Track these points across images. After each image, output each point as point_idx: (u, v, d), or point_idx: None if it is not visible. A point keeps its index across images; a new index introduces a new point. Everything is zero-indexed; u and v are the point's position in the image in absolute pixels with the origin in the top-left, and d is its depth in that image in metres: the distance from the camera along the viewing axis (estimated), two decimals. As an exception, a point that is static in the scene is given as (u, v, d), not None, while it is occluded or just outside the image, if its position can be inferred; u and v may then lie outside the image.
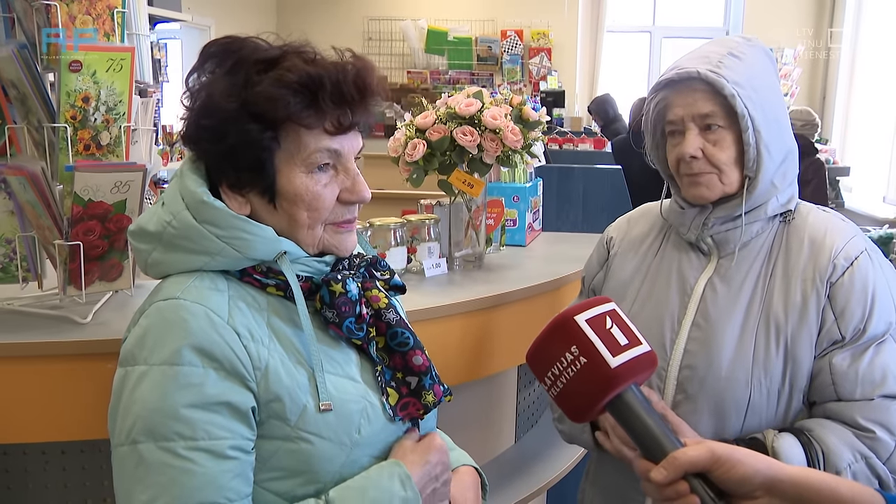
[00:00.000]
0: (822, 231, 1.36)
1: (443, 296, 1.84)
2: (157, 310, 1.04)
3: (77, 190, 1.41)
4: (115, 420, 1.03)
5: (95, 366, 1.33)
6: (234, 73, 1.08)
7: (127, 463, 0.99)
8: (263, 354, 1.05)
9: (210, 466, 0.99)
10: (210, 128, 1.07)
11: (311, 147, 1.08)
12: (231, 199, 1.10)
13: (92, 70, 1.46)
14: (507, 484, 2.09)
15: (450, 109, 1.98)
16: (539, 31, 8.45)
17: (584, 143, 6.76)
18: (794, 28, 8.19)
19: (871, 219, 6.17)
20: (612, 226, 1.62)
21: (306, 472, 1.06)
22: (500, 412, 2.28)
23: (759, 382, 1.30)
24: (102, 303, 1.59)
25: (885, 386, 1.26)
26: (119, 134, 1.55)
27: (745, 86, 1.31)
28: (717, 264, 1.39)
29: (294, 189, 1.08)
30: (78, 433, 1.41)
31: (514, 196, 2.50)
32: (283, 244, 1.09)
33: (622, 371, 0.96)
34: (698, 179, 1.36)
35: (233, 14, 7.73)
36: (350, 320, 1.12)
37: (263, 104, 1.05)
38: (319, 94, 1.06)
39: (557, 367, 0.98)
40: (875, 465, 1.25)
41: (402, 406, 1.15)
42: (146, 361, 1.01)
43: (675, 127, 1.37)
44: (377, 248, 1.96)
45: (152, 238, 1.09)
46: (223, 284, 1.08)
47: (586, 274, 1.63)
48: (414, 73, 8.66)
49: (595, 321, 0.98)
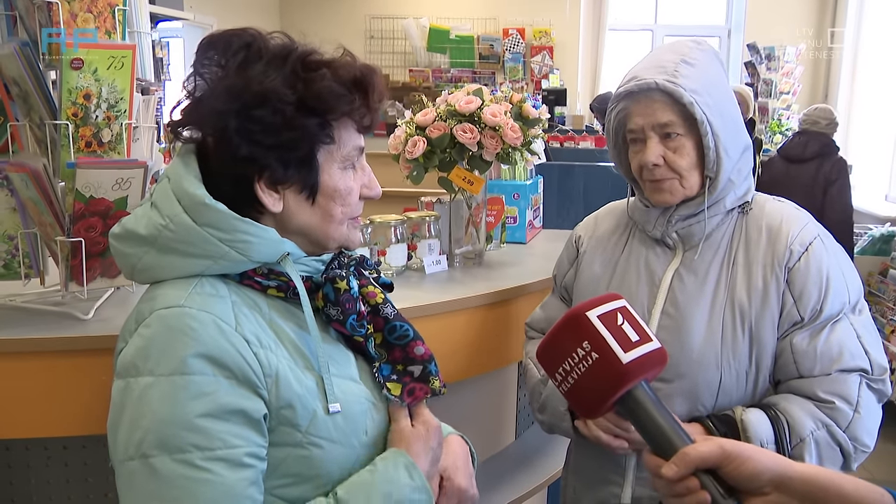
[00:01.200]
0: (778, 219, 1.44)
1: (443, 292, 1.85)
2: (159, 318, 1.01)
3: (79, 187, 1.42)
4: (118, 434, 0.99)
5: (97, 362, 1.34)
6: (276, 67, 1.06)
7: (138, 478, 0.96)
8: (273, 361, 1.03)
9: (227, 476, 0.97)
10: (264, 120, 1.04)
11: (350, 144, 1.11)
12: (267, 195, 1.07)
13: (93, 67, 1.47)
14: (509, 479, 2.11)
15: (450, 107, 1.99)
16: (541, 30, 8.45)
17: (586, 141, 6.74)
18: (795, 26, 8.17)
19: (873, 217, 6.15)
20: (580, 225, 1.68)
21: (317, 476, 1.05)
22: (501, 408, 2.29)
23: (728, 364, 1.38)
24: (104, 299, 1.59)
25: (841, 361, 1.35)
26: (120, 131, 1.56)
27: (702, 92, 1.36)
28: (683, 256, 1.46)
29: (334, 184, 1.10)
30: (79, 428, 1.41)
31: (515, 193, 2.50)
32: (286, 245, 1.09)
33: (633, 367, 0.96)
34: (661, 186, 1.42)
35: (235, 12, 7.74)
36: (353, 317, 1.12)
37: (328, 98, 1.06)
38: (370, 92, 1.10)
39: (569, 363, 0.99)
40: (835, 432, 1.33)
41: (408, 392, 1.16)
42: (152, 372, 0.98)
43: (636, 135, 1.43)
44: (377, 244, 1.97)
45: (143, 241, 1.05)
46: (224, 290, 1.05)
47: (557, 272, 1.69)
48: (416, 72, 8.66)
49: (607, 317, 0.99)
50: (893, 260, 4.89)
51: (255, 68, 1.06)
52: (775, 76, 7.81)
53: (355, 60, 1.12)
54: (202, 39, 1.09)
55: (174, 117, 1.11)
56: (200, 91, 1.08)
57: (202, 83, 1.07)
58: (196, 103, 1.08)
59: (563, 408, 1.50)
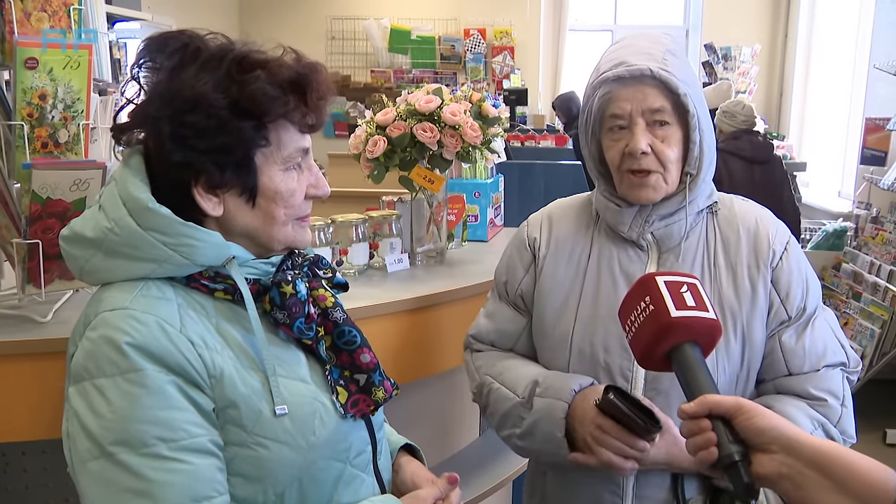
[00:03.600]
0: (754, 220, 1.42)
1: (405, 291, 1.85)
2: (103, 321, 1.02)
3: (35, 188, 1.41)
4: (76, 438, 0.99)
5: (58, 365, 1.30)
6: (209, 70, 1.06)
7: (107, 475, 0.97)
8: (218, 362, 1.04)
9: (197, 462, 0.99)
10: (197, 125, 1.04)
11: (291, 146, 1.10)
12: (205, 199, 1.07)
13: (49, 67, 1.45)
14: (474, 476, 2.11)
15: (410, 106, 2.00)
16: (502, 30, 8.49)
17: (546, 140, 6.80)
18: (751, 27, 8.33)
19: (826, 213, 6.31)
20: (530, 226, 1.55)
21: (265, 477, 1.06)
22: (465, 405, 2.30)
23: (723, 369, 1.34)
24: (63, 301, 1.58)
25: (826, 357, 1.36)
26: (78, 132, 1.55)
27: (690, 84, 1.34)
28: (660, 259, 1.40)
29: (275, 187, 1.10)
30: (40, 433, 1.39)
31: (476, 192, 2.52)
32: (231, 249, 1.08)
33: (680, 322, 1.09)
34: (646, 181, 1.34)
35: (194, 13, 7.65)
36: (300, 321, 1.12)
37: (261, 101, 1.05)
38: (308, 92, 1.08)
39: (634, 314, 1.14)
40: (830, 430, 1.33)
41: (352, 403, 1.15)
42: (104, 374, 0.99)
43: (621, 122, 1.35)
44: (339, 244, 1.97)
45: (90, 244, 1.06)
46: (170, 292, 1.06)
47: (508, 279, 1.54)
48: (378, 73, 8.64)
49: (672, 284, 1.13)
50: (846, 254, 5.02)
51: (188, 72, 1.06)
52: (732, 76, 7.96)
53: (299, 60, 1.11)
54: (140, 42, 1.09)
55: (118, 121, 1.11)
56: (137, 96, 1.08)
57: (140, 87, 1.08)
58: (134, 108, 1.09)
59: (561, 433, 1.32)
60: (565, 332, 1.42)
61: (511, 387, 1.43)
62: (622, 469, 1.26)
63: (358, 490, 1.15)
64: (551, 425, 1.33)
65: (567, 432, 1.32)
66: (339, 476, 1.13)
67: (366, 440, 1.19)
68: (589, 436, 1.28)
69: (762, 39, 8.29)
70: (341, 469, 1.13)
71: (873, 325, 4.30)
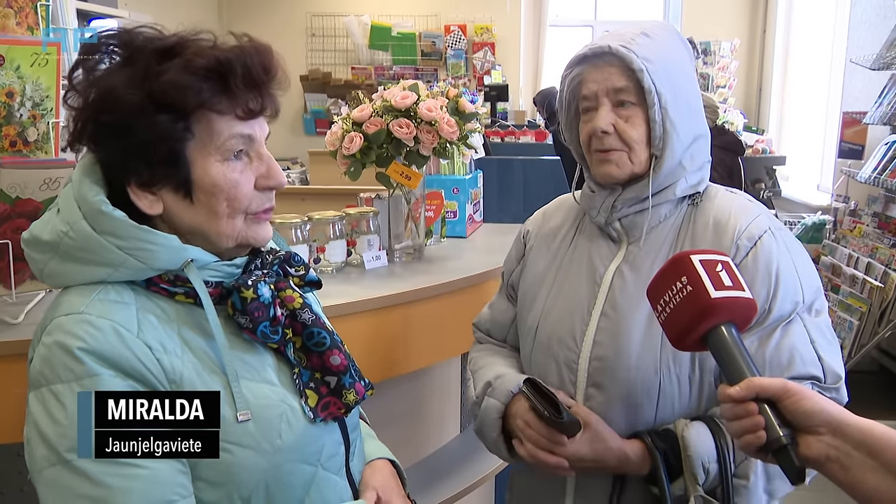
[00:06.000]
0: (727, 212, 1.35)
1: (383, 288, 1.84)
2: (58, 326, 0.99)
3: (4, 187, 1.39)
4: (36, 445, 0.97)
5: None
6: (131, 65, 1.03)
7: (64, 481, 0.95)
8: (178, 366, 1.02)
9: (155, 467, 0.97)
10: (113, 124, 1.01)
11: (225, 134, 1.05)
12: (141, 198, 1.04)
13: (15, 65, 1.43)
14: (455, 472, 2.11)
15: (386, 102, 1.99)
16: (482, 26, 8.49)
17: (526, 136, 6.82)
18: (730, 22, 8.39)
19: (805, 206, 6.36)
20: (529, 219, 1.59)
21: (229, 482, 1.03)
22: (445, 402, 2.30)
23: (667, 370, 1.29)
24: (35, 303, 1.55)
25: (791, 368, 1.26)
26: (47, 130, 1.52)
27: (655, 62, 1.30)
28: (626, 251, 1.38)
29: (211, 179, 1.04)
30: (8, 437, 1.36)
31: (454, 188, 2.52)
32: (189, 252, 1.05)
33: (720, 303, 1.07)
34: (609, 157, 1.33)
35: (172, 10, 7.58)
36: (264, 325, 1.08)
37: (173, 93, 1.00)
38: (230, 79, 1.03)
39: (668, 295, 1.11)
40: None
41: (322, 406, 1.12)
42: (60, 379, 0.97)
43: (589, 103, 1.35)
44: (316, 241, 1.96)
45: (47, 248, 1.04)
46: (129, 296, 1.03)
47: (505, 270, 1.59)
48: (358, 69, 8.61)
49: (707, 263, 1.11)
50: (825, 247, 5.06)
51: (106, 70, 1.04)
52: (712, 70, 8.01)
53: (216, 45, 1.06)
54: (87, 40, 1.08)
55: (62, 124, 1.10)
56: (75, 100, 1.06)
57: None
58: (71, 111, 1.06)
59: (496, 433, 1.38)
60: (533, 324, 1.44)
61: (476, 385, 1.48)
62: (547, 463, 1.27)
63: (329, 493, 1.13)
64: (489, 425, 1.40)
65: (511, 432, 1.37)
66: (309, 479, 1.10)
67: (338, 441, 1.16)
68: (518, 430, 1.34)
69: (741, 34, 8.36)
70: (312, 472, 1.11)
71: (852, 317, 4.34)
